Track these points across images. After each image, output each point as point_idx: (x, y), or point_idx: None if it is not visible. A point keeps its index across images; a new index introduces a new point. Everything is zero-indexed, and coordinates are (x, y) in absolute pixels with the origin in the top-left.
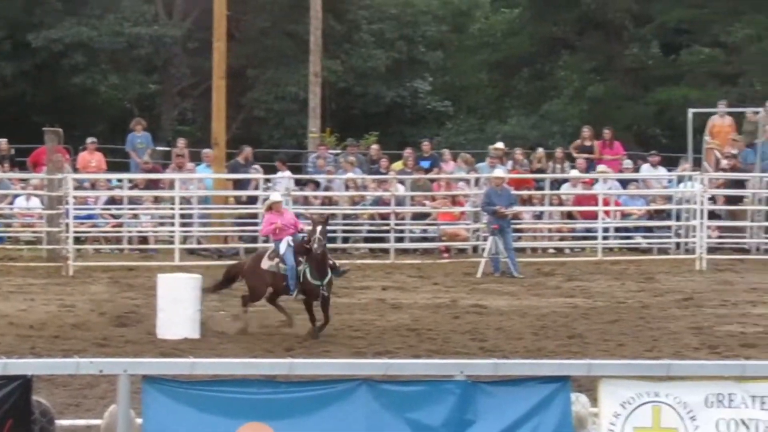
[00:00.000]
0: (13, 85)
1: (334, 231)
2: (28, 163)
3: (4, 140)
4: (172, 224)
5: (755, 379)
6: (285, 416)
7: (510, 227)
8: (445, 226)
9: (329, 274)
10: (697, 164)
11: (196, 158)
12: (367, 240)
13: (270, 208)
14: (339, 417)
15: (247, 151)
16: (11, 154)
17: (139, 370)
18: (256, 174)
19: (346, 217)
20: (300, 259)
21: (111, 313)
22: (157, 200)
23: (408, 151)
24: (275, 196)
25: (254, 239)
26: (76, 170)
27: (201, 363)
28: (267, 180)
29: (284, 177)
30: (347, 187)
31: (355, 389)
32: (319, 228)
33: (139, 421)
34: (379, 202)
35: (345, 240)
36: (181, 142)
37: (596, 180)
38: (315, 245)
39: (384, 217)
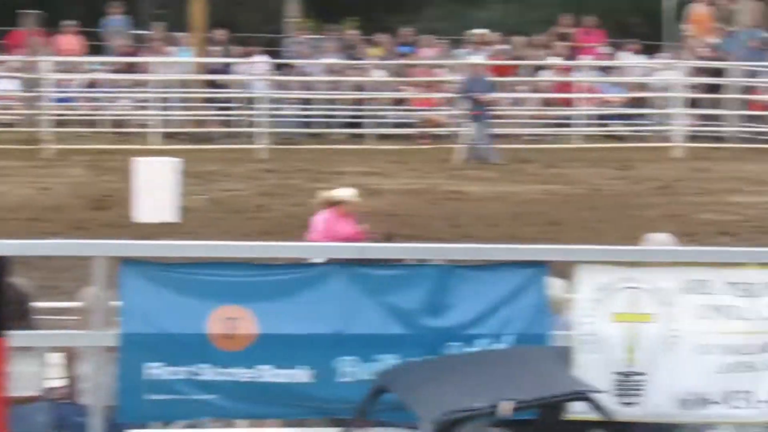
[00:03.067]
0: None
1: (311, 116)
2: (5, 45)
3: None
4: (151, 108)
5: (731, 266)
6: (261, 299)
7: (488, 114)
8: (424, 112)
9: None
10: (677, 53)
11: (174, 42)
12: (345, 125)
13: (330, 204)
14: (315, 300)
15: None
16: None
17: (117, 252)
18: (234, 58)
19: (324, 102)
20: None
21: (88, 197)
22: (135, 83)
23: (383, 37)
24: (344, 192)
25: (231, 123)
26: (54, 53)
27: (178, 245)
28: (246, 64)
29: (262, 61)
30: (326, 72)
31: (331, 272)
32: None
33: (115, 303)
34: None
35: (324, 125)
36: (157, 26)
37: (575, 67)
38: None
39: (362, 102)
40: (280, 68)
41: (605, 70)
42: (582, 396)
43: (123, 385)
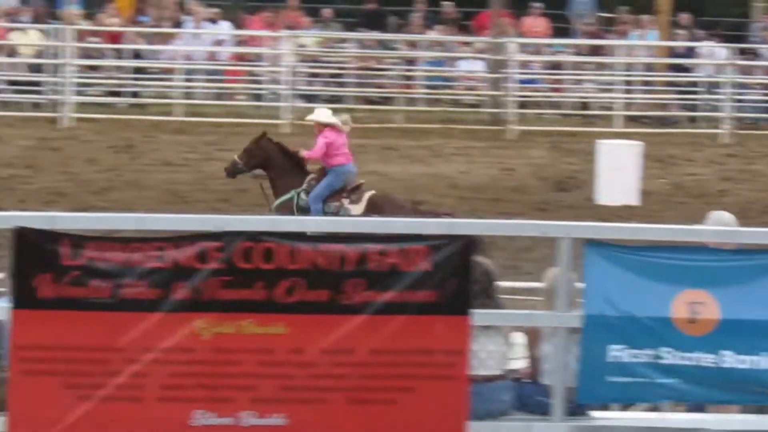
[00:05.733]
0: None
1: None
2: (472, 26)
3: (449, 3)
4: (614, 91)
5: None
6: (725, 284)
7: None
8: None
9: None
10: None
11: (639, 25)
12: None
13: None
14: None
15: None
16: (456, 18)
17: (582, 234)
18: (698, 42)
19: None
20: None
21: (551, 178)
22: (599, 66)
23: None
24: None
25: (693, 107)
26: (520, 35)
27: (643, 228)
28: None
29: (726, 46)
30: None
31: None
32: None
33: (578, 284)
34: None
35: None
36: (622, 9)
37: None
38: None
39: None
40: (744, 53)
41: None
42: None
43: (585, 367)
